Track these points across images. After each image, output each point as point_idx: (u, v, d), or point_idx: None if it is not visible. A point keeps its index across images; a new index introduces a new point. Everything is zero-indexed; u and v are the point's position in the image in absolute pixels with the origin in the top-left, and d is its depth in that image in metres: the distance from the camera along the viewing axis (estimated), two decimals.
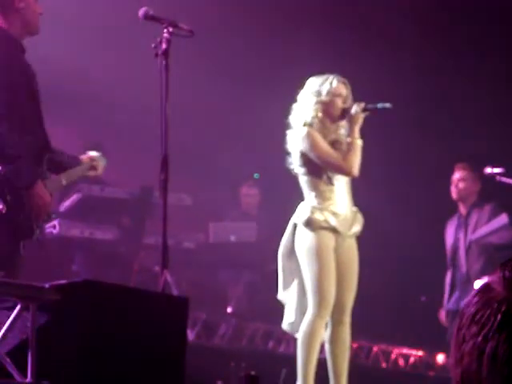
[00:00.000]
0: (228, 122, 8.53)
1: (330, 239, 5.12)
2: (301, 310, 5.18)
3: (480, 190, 6.87)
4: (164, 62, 4.92)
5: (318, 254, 5.09)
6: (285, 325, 5.27)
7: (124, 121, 8.03)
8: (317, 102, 5.17)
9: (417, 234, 7.73)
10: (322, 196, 5.15)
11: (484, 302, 1.09)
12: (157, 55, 4.91)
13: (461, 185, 6.81)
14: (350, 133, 5.20)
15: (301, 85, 5.29)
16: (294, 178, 5.29)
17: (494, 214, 6.66)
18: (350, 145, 5.17)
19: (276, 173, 5.60)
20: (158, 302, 4.25)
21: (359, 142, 5.20)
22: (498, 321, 1.06)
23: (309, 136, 5.13)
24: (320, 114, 5.17)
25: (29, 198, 4.43)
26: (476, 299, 1.10)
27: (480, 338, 1.06)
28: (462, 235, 6.85)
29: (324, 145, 5.14)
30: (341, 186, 5.20)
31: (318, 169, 5.16)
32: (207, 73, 8.18)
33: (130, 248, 7.35)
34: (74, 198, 7.17)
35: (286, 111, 5.29)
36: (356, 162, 5.17)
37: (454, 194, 6.89)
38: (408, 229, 8.02)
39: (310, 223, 5.11)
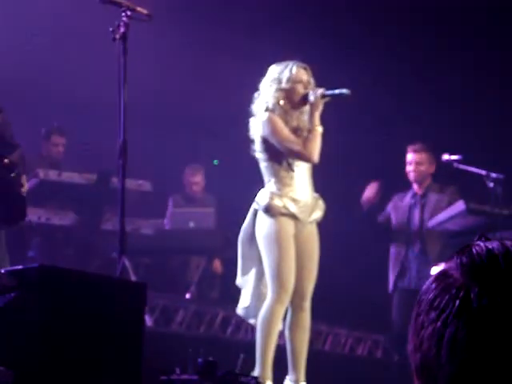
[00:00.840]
0: (189, 107, 8.49)
1: (289, 225, 5.14)
2: (257, 296, 5.19)
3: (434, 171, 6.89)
4: (122, 46, 4.88)
5: (278, 241, 5.10)
6: (239, 309, 5.28)
7: (83, 105, 7.96)
8: (277, 90, 5.17)
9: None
10: (281, 182, 5.16)
11: (442, 288, 1.09)
12: (115, 39, 4.86)
13: (418, 167, 6.81)
14: (310, 119, 5.20)
15: (263, 73, 5.29)
16: (254, 165, 5.29)
17: (454, 199, 6.70)
18: (310, 131, 5.18)
19: (236, 159, 5.59)
20: (115, 287, 4.23)
21: (319, 129, 5.20)
22: (457, 306, 1.06)
23: (270, 121, 5.13)
24: (282, 102, 5.18)
25: (22, 182, 4.55)
26: (434, 285, 1.11)
27: (439, 324, 1.07)
28: (416, 214, 6.86)
29: (285, 130, 5.14)
30: (301, 172, 5.21)
31: (279, 155, 5.17)
32: (170, 56, 8.17)
33: (88, 234, 7.30)
34: (31, 182, 7.08)
35: (250, 98, 5.28)
36: (316, 148, 5.17)
37: (411, 176, 6.88)
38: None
39: (269, 209, 5.12)
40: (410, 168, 6.87)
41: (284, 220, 5.13)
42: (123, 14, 4.88)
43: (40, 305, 3.76)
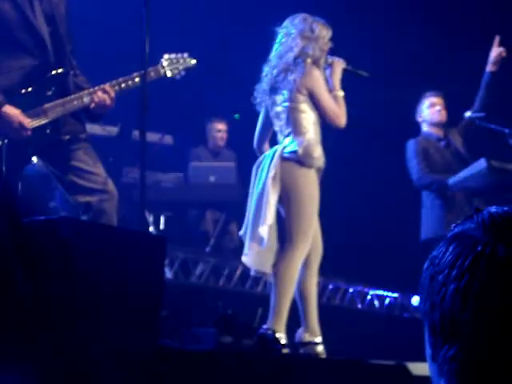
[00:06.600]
0: (213, 60, 8.45)
1: (316, 179, 5.14)
2: (269, 246, 5.07)
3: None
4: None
5: (313, 194, 5.06)
6: (248, 258, 5.13)
7: (107, 57, 7.94)
8: (319, 47, 5.15)
9: (390, 169, 7.63)
10: (316, 134, 5.13)
11: (464, 247, 1.12)
12: None
13: (444, 112, 6.71)
14: (333, 85, 5.22)
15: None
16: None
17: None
18: (336, 97, 5.18)
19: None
20: (135, 240, 4.25)
21: (341, 94, 5.22)
22: (485, 262, 1.09)
23: (316, 75, 5.12)
24: (325, 59, 5.19)
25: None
26: (453, 246, 1.13)
27: (465, 281, 1.09)
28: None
29: (325, 88, 5.16)
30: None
31: (315, 109, 5.13)
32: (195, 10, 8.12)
33: None
34: None
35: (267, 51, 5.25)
36: (344, 112, 5.18)
37: (440, 117, 6.69)
38: (381, 166, 7.99)
39: (308, 160, 5.05)
40: (435, 109, 6.71)
41: (315, 173, 5.11)
42: None
43: (59, 255, 3.78)
